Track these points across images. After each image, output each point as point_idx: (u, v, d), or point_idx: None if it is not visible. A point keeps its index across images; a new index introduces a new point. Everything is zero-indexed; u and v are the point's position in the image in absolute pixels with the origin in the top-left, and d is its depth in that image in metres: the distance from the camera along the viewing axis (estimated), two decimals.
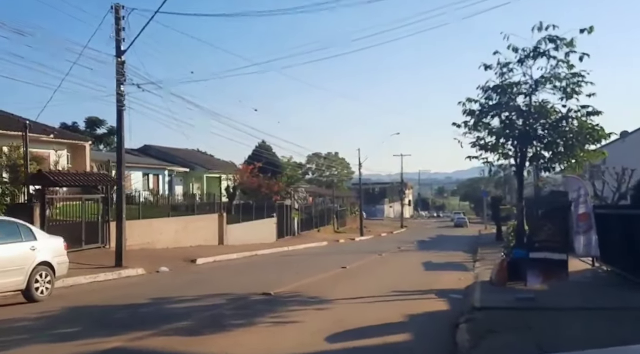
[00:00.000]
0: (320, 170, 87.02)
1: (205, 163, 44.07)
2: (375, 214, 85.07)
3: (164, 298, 9.47)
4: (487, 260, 19.20)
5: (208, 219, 26.14)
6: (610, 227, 11.58)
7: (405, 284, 12.18)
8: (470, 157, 13.25)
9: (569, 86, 11.58)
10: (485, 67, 12.37)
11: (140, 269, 14.87)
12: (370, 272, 15.31)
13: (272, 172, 41.57)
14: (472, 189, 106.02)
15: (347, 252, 24.16)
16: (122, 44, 14.55)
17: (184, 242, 23.22)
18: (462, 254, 23.07)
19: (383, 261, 19.33)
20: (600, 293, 9.46)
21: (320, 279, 12.87)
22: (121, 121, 14.94)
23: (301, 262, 19.17)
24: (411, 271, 15.51)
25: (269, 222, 33.75)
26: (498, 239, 32.91)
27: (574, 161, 12.10)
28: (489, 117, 12.40)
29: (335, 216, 49.93)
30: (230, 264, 18.29)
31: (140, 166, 33.16)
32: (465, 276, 13.85)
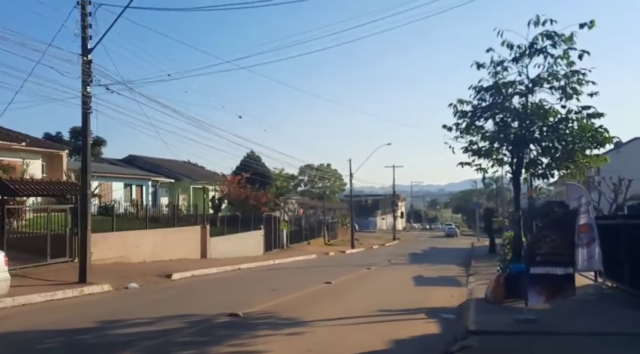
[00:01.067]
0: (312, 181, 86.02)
1: (192, 174, 42.89)
2: (367, 226, 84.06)
3: (115, 321, 8.33)
4: (481, 274, 18.18)
5: (190, 231, 24.94)
6: (616, 240, 10.60)
7: (393, 302, 11.10)
8: (463, 163, 12.27)
9: (568, 85, 10.67)
10: (478, 66, 11.47)
11: (106, 285, 13.67)
12: (357, 288, 14.20)
13: (260, 183, 40.46)
14: (465, 201, 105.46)
15: (335, 266, 23.04)
16: (88, 42, 13.52)
17: (163, 255, 21.99)
18: (455, 268, 22.02)
19: (371, 276, 18.21)
20: (611, 314, 8.44)
21: (300, 297, 11.75)
22: (87, 124, 13.85)
23: (284, 277, 18.02)
24: (401, 287, 14.43)
25: (256, 235, 32.55)
26: (491, 252, 31.99)
27: (574, 167, 11.14)
28: (482, 120, 11.46)
29: (326, 228, 48.76)
30: (209, 279, 17.11)
31: (121, 176, 31.98)
32: (459, 292, 12.79)
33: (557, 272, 7.68)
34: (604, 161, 11.15)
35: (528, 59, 11.12)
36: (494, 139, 11.59)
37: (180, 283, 15.88)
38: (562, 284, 7.66)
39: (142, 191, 35.70)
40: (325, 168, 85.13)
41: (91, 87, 13.71)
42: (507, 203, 76.93)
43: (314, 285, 14.01)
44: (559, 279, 7.66)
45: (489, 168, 12.29)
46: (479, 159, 12.08)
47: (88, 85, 13.61)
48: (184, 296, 12.33)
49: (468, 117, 11.40)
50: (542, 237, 7.81)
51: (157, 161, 42.77)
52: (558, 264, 7.68)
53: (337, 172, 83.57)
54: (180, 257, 23.25)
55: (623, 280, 10.44)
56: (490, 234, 34.47)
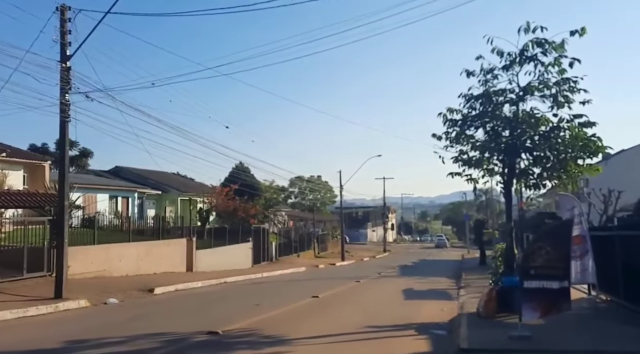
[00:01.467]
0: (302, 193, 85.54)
1: (180, 186, 42.30)
2: (358, 238, 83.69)
3: (84, 340, 7.81)
4: (472, 287, 17.81)
5: (175, 244, 24.34)
6: (610, 252, 10.31)
7: (382, 317, 10.68)
8: (453, 173, 11.95)
9: (559, 94, 10.43)
10: (467, 73, 11.22)
11: (83, 301, 13.09)
12: (345, 302, 13.75)
13: (249, 195, 39.95)
14: (455, 213, 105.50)
15: (324, 279, 22.56)
16: (67, 48, 13.10)
17: (147, 269, 21.38)
18: (445, 281, 21.64)
19: (360, 289, 17.76)
20: (608, 330, 8.09)
21: (285, 312, 11.27)
22: (65, 133, 13.36)
23: (271, 291, 17.50)
24: (390, 301, 14.00)
25: (244, 248, 31.96)
26: (482, 264, 31.69)
27: (566, 177, 10.87)
28: (472, 129, 11.18)
29: (316, 241, 48.23)
30: (193, 293, 16.55)
31: (106, 187, 31.33)
32: (449, 306, 12.40)
33: (552, 286, 7.33)
34: (596, 171, 10.90)
35: (518, 66, 10.89)
36: (485, 148, 11.30)
37: (162, 297, 15.32)
38: (557, 299, 7.30)
39: (128, 203, 35.02)
40: (316, 180, 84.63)
41: (70, 94, 13.25)
42: (497, 215, 77.05)
43: (300, 299, 13.54)
44: (554, 294, 7.31)
45: (480, 178, 12.00)
46: (470, 169, 11.78)
47: (67, 92, 13.16)
48: (163, 312, 11.80)
49: (458, 126, 11.12)
50: (536, 250, 7.47)
51: (144, 172, 42.11)
52: (553, 277, 7.34)
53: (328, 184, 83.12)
54: (165, 271, 22.65)
55: (618, 294, 10.13)
56: (481, 246, 34.21)
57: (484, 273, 24.85)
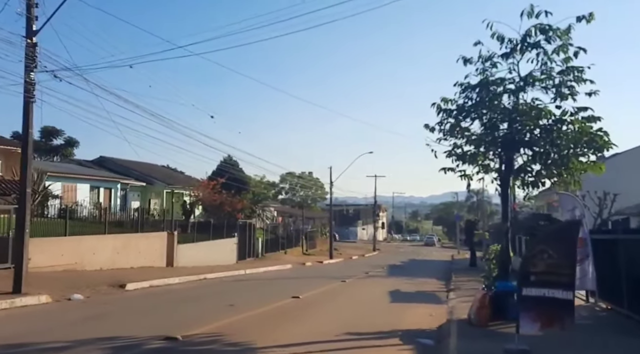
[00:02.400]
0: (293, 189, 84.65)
1: (166, 178, 41.15)
2: (348, 236, 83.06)
3: (22, 344, 6.87)
4: (462, 289, 17.03)
5: (155, 237, 23.35)
6: (613, 256, 9.52)
7: (365, 322, 9.82)
8: (446, 169, 11.07)
9: (563, 84, 9.58)
10: (464, 61, 10.33)
11: (45, 296, 12.10)
12: (326, 304, 12.86)
13: (237, 189, 38.96)
14: (446, 213, 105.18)
15: (308, 278, 21.68)
16: (34, 22, 12.08)
17: (123, 263, 20.40)
18: (434, 282, 20.85)
19: (345, 290, 16.89)
20: (612, 345, 7.28)
21: (260, 314, 10.37)
22: (28, 115, 12.33)
23: (250, 289, 16.60)
24: (375, 303, 13.14)
25: (229, 243, 31.01)
26: (472, 265, 31.01)
27: (567, 175, 10.03)
28: (468, 120, 10.31)
29: (305, 238, 47.35)
30: (167, 290, 15.60)
31: (88, 177, 30.16)
32: (438, 311, 11.57)
33: (554, 295, 6.48)
34: (600, 170, 10.05)
35: (520, 54, 10.03)
36: (481, 141, 10.43)
37: (133, 294, 14.36)
38: (559, 311, 6.46)
39: (111, 194, 33.90)
40: (307, 176, 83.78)
41: (35, 73, 12.23)
42: (487, 216, 76.65)
43: (279, 300, 12.63)
44: (557, 304, 6.46)
45: (474, 175, 11.13)
46: (464, 165, 10.92)
47: (32, 71, 12.13)
48: (127, 311, 10.85)
49: (453, 117, 10.25)
50: (537, 253, 6.62)
51: (129, 163, 40.94)
52: (556, 285, 6.49)
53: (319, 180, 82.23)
54: (143, 266, 21.67)
55: (621, 303, 9.34)
56: (472, 247, 33.53)
57: (474, 274, 24.11)
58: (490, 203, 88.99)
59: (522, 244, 21.93)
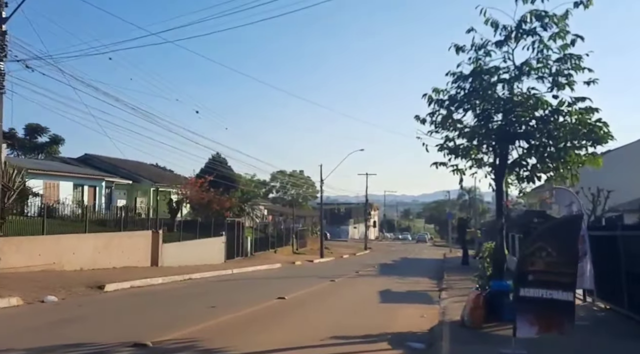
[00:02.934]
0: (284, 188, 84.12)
1: (153, 176, 40.36)
2: (339, 235, 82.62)
3: None
4: (454, 289, 16.58)
5: (139, 236, 22.67)
6: (612, 254, 9.07)
7: (353, 325, 9.29)
8: (437, 163, 10.59)
9: (560, 73, 9.11)
10: (457, 49, 9.84)
11: (15, 298, 11.44)
12: (313, 305, 12.31)
13: (226, 187, 38.29)
14: (438, 211, 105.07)
15: (297, 277, 21.13)
16: (3, 9, 11.41)
17: (105, 263, 19.72)
18: (426, 281, 20.39)
19: (334, 290, 16.35)
20: (613, 348, 6.80)
21: (242, 317, 9.80)
22: None
23: (235, 290, 16.02)
24: (364, 304, 12.61)
25: (217, 242, 30.39)
26: (464, 264, 30.65)
27: (564, 169, 9.56)
28: (460, 111, 9.81)
29: (295, 236, 46.78)
30: (148, 291, 14.98)
31: (71, 175, 29.33)
32: (430, 312, 11.07)
33: (553, 296, 5.99)
34: (598, 164, 9.60)
35: (515, 42, 9.54)
36: (474, 134, 9.95)
37: (111, 296, 13.72)
38: (559, 313, 5.97)
39: (95, 192, 33.10)
40: (298, 174, 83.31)
41: (5, 62, 11.56)
42: (479, 214, 76.46)
43: (264, 301, 12.06)
44: (556, 306, 5.97)
45: (467, 169, 10.66)
46: (456, 159, 10.45)
47: (1, 60, 11.47)
48: (99, 315, 10.23)
49: (445, 107, 9.74)
50: (535, 251, 6.12)
51: (115, 161, 40.10)
52: (555, 285, 6.00)
53: (310, 179, 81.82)
54: (127, 265, 21.00)
55: (621, 302, 8.90)
56: (464, 246, 33.16)
57: (466, 273, 23.70)
58: (482, 201, 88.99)
59: (515, 242, 21.52)
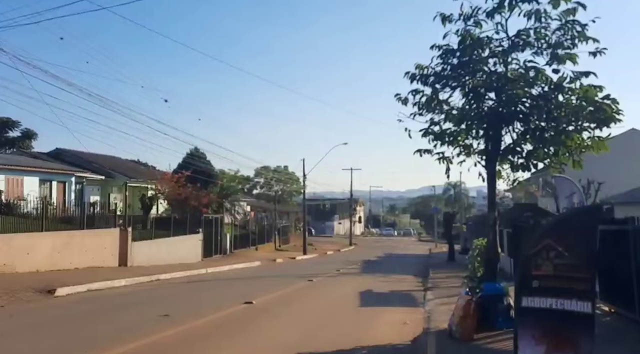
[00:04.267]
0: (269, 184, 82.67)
1: (128, 171, 38.64)
2: (324, 231, 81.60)
3: None
4: (440, 288, 15.45)
5: (105, 234, 21.17)
6: (619, 252, 7.93)
7: (324, 336, 8.04)
8: (421, 151, 9.37)
9: (560, 45, 7.90)
10: (443, 19, 8.58)
11: None
12: (283, 311, 11.00)
13: (205, 183, 36.79)
14: (423, 206, 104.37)
15: (274, 277, 19.83)
16: None
17: (65, 263, 18.22)
18: (410, 279, 19.25)
19: (310, 291, 15.06)
20: None
21: (195, 328, 8.48)
22: None
23: (200, 292, 14.65)
24: (341, 309, 11.36)
25: (193, 239, 28.96)
26: (450, 260, 29.68)
27: (563, 156, 8.40)
28: (447, 89, 8.58)
29: (277, 233, 45.44)
30: (105, 295, 13.57)
31: (36, 169, 27.55)
32: (414, 317, 9.87)
33: (567, 307, 4.79)
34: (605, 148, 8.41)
35: (508, 11, 8.32)
36: (462, 116, 8.73)
37: (60, 301, 12.29)
38: (574, 329, 4.76)
39: (65, 188, 31.39)
40: (283, 170, 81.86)
41: None
42: (465, 209, 75.86)
43: (228, 307, 10.74)
44: (570, 320, 4.76)
45: (454, 157, 9.44)
46: (442, 146, 9.23)
47: None
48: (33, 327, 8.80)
49: (429, 85, 8.51)
50: (542, 250, 4.91)
51: (89, 156, 38.28)
52: (568, 293, 4.80)
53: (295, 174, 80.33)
54: (91, 266, 19.51)
55: (630, 306, 7.76)
56: (450, 241, 32.16)
57: (453, 269, 22.64)
58: (467, 196, 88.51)
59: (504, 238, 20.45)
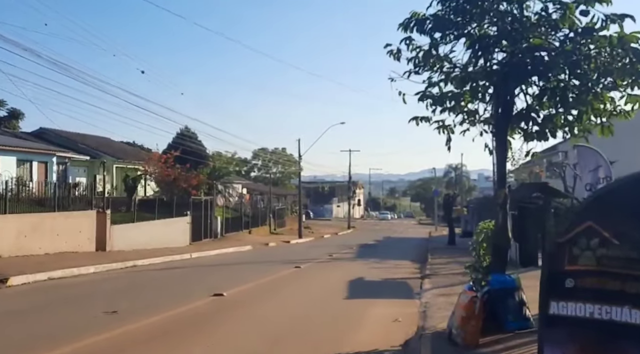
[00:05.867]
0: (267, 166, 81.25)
1: (116, 152, 37.19)
2: (323, 213, 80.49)
3: None
4: (439, 275, 14.07)
5: (80, 217, 19.75)
6: None
7: (296, 341, 6.64)
8: (418, 118, 7.83)
9: None
10: None
11: None
12: (256, 305, 9.51)
13: (195, 164, 35.29)
14: (423, 189, 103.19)
15: (260, 262, 18.48)
16: None
17: (33, 248, 16.83)
18: (407, 265, 17.88)
19: (294, 280, 13.61)
20: None
21: (144, 327, 7.07)
22: None
23: (171, 281, 13.25)
24: (324, 301, 9.93)
25: (181, 223, 27.57)
26: (451, 243, 28.36)
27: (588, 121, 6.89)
28: (449, 38, 7.01)
29: (272, 216, 44.11)
30: (68, 284, 12.21)
31: (11, 149, 25.94)
32: (407, 312, 8.46)
33: (616, 317, 3.33)
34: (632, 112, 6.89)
35: None
36: (467, 75, 7.18)
37: (9, 292, 10.92)
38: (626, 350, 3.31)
39: (47, 169, 29.93)
40: (281, 152, 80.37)
41: None
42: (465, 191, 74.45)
43: (194, 300, 9.32)
44: (621, 335, 3.31)
45: (456, 126, 7.90)
46: (442, 113, 7.68)
47: None
48: None
49: (426, 32, 6.93)
50: (579, 235, 3.44)
51: (75, 136, 36.81)
52: (618, 298, 3.34)
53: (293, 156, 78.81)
54: (64, 251, 18.14)
55: None
56: (450, 224, 30.83)
57: (453, 254, 21.30)
58: (468, 178, 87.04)
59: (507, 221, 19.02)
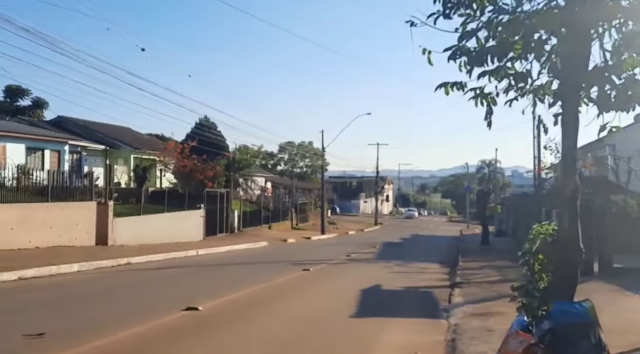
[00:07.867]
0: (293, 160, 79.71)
1: (134, 142, 36.11)
2: (350, 209, 78.50)
3: None
4: (472, 284, 11.88)
5: (77, 208, 18.40)
6: None
7: None
8: (446, 84, 5.53)
9: None
10: None
11: None
12: (233, 327, 7.39)
13: (213, 155, 33.83)
14: (455, 185, 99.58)
15: (268, 262, 16.64)
16: None
17: (22, 242, 15.59)
18: (435, 269, 15.69)
19: (297, 288, 11.50)
20: None
21: None
22: None
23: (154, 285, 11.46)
24: (326, 320, 7.86)
25: (194, 216, 26.12)
26: (484, 244, 25.90)
27: None
28: None
29: (295, 210, 42.29)
30: (30, 287, 10.62)
31: (21, 136, 24.90)
32: (430, 341, 6.37)
33: None
34: None
35: None
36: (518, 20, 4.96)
37: None
38: None
39: (60, 157, 28.96)
40: (307, 146, 78.66)
41: None
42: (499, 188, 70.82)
43: (160, 315, 7.43)
44: None
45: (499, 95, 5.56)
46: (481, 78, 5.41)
47: None
48: None
49: None
50: None
51: (92, 125, 35.93)
52: None
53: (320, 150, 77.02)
54: (58, 245, 16.83)
55: None
56: (484, 222, 28.33)
57: (487, 257, 18.97)
58: (502, 174, 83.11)
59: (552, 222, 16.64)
